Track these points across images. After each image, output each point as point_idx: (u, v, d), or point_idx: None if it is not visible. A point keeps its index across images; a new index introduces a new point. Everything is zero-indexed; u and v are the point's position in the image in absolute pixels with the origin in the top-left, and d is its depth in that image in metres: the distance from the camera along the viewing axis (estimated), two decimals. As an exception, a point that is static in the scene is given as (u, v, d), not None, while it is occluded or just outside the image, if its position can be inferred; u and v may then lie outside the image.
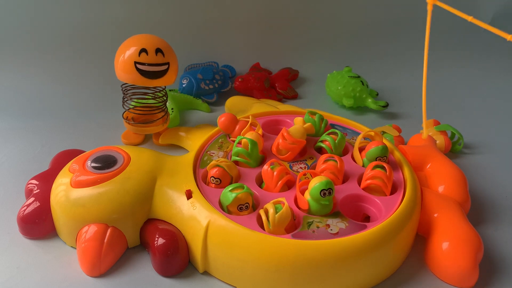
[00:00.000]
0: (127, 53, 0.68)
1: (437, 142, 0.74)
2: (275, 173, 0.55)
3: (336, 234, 0.49)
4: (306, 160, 0.62)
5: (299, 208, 0.53)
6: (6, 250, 0.54)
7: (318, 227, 0.50)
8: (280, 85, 0.98)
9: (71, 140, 0.78)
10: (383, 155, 0.59)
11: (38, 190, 0.58)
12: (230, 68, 1.02)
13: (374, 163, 0.57)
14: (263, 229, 0.49)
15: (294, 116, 0.72)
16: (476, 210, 0.63)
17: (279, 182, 0.55)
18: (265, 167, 0.56)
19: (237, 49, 1.10)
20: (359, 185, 0.57)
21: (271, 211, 0.49)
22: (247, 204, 0.52)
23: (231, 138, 0.66)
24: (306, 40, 1.16)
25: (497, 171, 0.73)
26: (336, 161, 0.57)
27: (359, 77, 0.92)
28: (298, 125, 0.64)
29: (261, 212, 0.50)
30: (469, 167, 0.74)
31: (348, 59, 1.11)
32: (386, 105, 0.90)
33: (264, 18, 1.14)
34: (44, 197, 0.57)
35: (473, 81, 1.07)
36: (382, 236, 0.49)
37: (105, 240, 0.52)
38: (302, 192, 0.53)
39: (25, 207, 0.56)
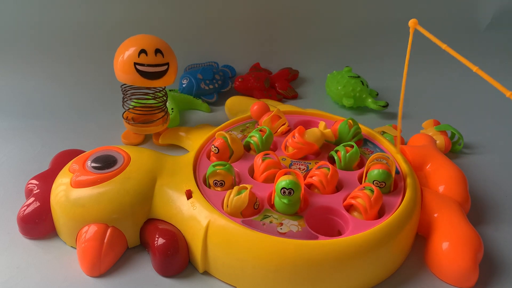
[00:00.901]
0: (126, 53, 0.68)
1: (437, 142, 0.74)
2: (263, 164, 0.57)
3: (284, 234, 0.49)
4: (310, 163, 0.61)
5: (271, 202, 0.54)
6: (6, 250, 0.54)
7: (271, 222, 0.51)
8: (280, 85, 0.98)
9: (71, 140, 0.78)
10: (381, 180, 0.55)
11: (38, 190, 0.58)
12: (230, 68, 1.02)
13: (367, 184, 0.54)
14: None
15: (331, 120, 0.71)
16: (476, 210, 0.63)
17: (264, 173, 0.56)
18: (257, 157, 0.58)
19: (237, 49, 1.10)
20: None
21: (231, 194, 0.51)
22: (222, 182, 0.55)
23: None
24: (306, 40, 1.16)
25: (497, 171, 0.73)
26: (328, 169, 0.56)
27: (359, 77, 0.92)
28: (316, 128, 0.63)
29: (227, 192, 0.52)
30: (469, 167, 0.74)
31: (348, 59, 1.11)
32: (386, 105, 0.90)
33: (264, 18, 1.14)
34: (44, 197, 0.57)
35: (473, 81, 1.07)
36: (382, 236, 0.49)
37: (105, 240, 0.52)
38: None
39: (25, 207, 0.56)
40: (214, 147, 0.60)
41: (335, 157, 0.61)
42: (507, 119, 0.91)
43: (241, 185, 0.53)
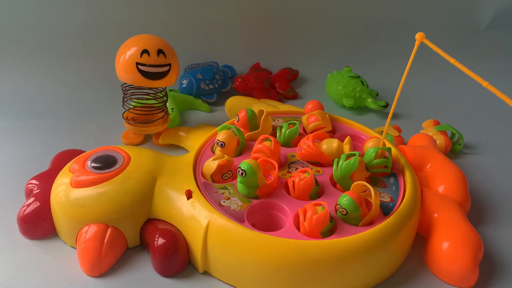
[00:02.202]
0: (128, 53, 0.68)
1: (437, 142, 0.74)
2: (257, 146, 0.59)
3: (222, 207, 0.52)
4: (311, 168, 0.59)
5: None
6: (6, 250, 0.54)
7: (223, 193, 0.54)
8: (280, 85, 0.98)
9: (71, 140, 0.78)
10: (343, 207, 0.50)
11: (38, 190, 0.58)
12: (230, 68, 1.02)
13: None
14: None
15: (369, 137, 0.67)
16: (476, 210, 0.63)
17: (254, 155, 0.59)
18: (260, 137, 0.61)
19: (237, 49, 1.10)
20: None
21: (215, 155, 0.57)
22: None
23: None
24: (306, 40, 1.16)
25: (497, 171, 0.73)
26: (308, 174, 0.54)
27: (359, 77, 0.92)
28: (336, 141, 0.60)
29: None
30: (469, 167, 0.74)
31: (348, 59, 1.11)
32: (386, 105, 0.90)
33: (264, 18, 1.14)
34: (44, 197, 0.57)
35: (473, 81, 1.07)
36: (382, 236, 0.49)
37: (105, 240, 0.52)
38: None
39: (25, 207, 0.56)
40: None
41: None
42: (507, 119, 0.91)
43: (226, 156, 0.58)
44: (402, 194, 0.56)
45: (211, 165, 0.56)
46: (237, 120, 0.66)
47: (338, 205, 0.50)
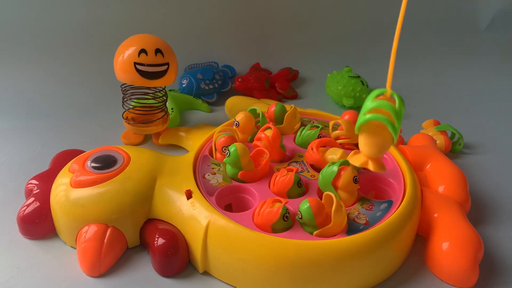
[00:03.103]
0: (126, 53, 0.68)
1: (437, 142, 0.74)
2: (259, 133, 0.60)
3: (207, 181, 0.56)
4: (309, 172, 0.59)
5: None
6: (6, 250, 0.54)
7: (213, 168, 0.58)
8: (280, 85, 0.98)
9: (71, 140, 0.78)
10: (300, 211, 0.49)
11: (38, 190, 0.58)
12: (230, 68, 1.02)
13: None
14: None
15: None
16: (476, 210, 0.63)
17: (253, 142, 0.61)
18: (265, 126, 0.61)
19: (237, 49, 1.10)
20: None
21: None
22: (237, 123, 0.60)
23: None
24: (306, 40, 1.16)
25: (497, 171, 0.73)
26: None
27: (359, 77, 0.93)
28: (340, 151, 0.57)
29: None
30: (469, 167, 0.74)
31: (348, 59, 1.11)
32: (386, 105, 0.90)
33: (264, 18, 1.14)
34: (44, 197, 0.57)
35: (473, 81, 1.07)
36: (382, 236, 0.49)
37: (105, 240, 0.52)
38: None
39: (25, 207, 0.56)
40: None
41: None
42: (507, 119, 0.91)
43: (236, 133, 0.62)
44: (402, 194, 0.56)
45: (217, 136, 0.61)
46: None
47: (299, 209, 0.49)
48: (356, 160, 0.44)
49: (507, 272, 0.53)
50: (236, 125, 0.64)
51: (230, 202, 0.57)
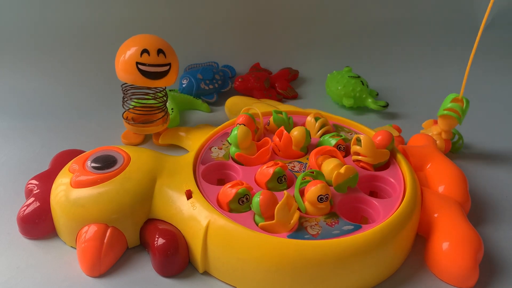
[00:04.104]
0: (128, 53, 0.68)
1: (437, 142, 0.74)
2: (280, 132, 0.61)
3: (209, 153, 0.61)
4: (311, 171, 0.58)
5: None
6: (6, 250, 0.54)
7: (223, 144, 0.64)
8: (280, 85, 0.98)
9: (71, 140, 0.78)
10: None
11: (38, 190, 0.58)
12: (230, 68, 1.02)
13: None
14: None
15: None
16: (476, 210, 0.63)
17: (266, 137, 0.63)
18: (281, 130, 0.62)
19: (237, 49, 1.10)
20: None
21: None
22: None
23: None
24: (306, 40, 1.16)
25: (497, 171, 0.73)
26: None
27: (359, 77, 0.92)
28: (335, 161, 0.56)
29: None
30: (469, 167, 0.74)
31: (348, 59, 1.11)
32: (386, 105, 0.90)
33: (264, 18, 1.14)
34: (44, 197, 0.57)
35: (473, 81, 1.07)
36: (382, 236, 0.49)
37: (105, 240, 0.52)
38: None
39: (25, 207, 0.56)
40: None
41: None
42: (507, 119, 0.91)
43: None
44: (402, 194, 0.56)
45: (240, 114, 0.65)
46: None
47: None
48: (434, 129, 0.76)
49: (507, 272, 0.53)
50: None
51: (222, 178, 0.61)
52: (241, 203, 0.52)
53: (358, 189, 0.56)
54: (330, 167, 0.56)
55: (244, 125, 0.61)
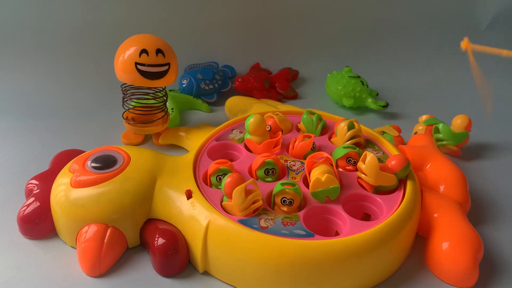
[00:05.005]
0: (127, 53, 0.68)
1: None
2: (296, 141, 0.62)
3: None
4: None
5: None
6: (6, 250, 0.54)
7: (234, 133, 0.67)
8: (280, 85, 0.98)
9: (71, 140, 0.78)
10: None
11: (38, 190, 0.58)
12: (230, 68, 1.02)
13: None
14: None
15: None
16: (476, 210, 0.63)
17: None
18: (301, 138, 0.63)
19: (237, 49, 1.10)
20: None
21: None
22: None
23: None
24: (306, 40, 1.16)
25: (497, 171, 0.73)
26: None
27: (359, 77, 0.92)
28: (318, 173, 0.54)
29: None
30: (469, 167, 0.74)
31: (348, 59, 1.11)
32: (386, 105, 0.90)
33: (264, 18, 1.14)
34: (44, 197, 0.57)
35: (473, 81, 1.07)
36: (382, 236, 0.49)
37: (105, 240, 0.52)
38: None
39: (25, 207, 0.56)
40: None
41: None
42: (507, 119, 0.91)
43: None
44: (402, 194, 0.56)
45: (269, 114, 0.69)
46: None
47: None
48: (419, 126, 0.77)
49: (507, 272, 0.53)
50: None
51: (228, 158, 0.64)
52: (218, 180, 0.56)
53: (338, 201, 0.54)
54: (315, 172, 0.54)
55: (259, 116, 0.62)
